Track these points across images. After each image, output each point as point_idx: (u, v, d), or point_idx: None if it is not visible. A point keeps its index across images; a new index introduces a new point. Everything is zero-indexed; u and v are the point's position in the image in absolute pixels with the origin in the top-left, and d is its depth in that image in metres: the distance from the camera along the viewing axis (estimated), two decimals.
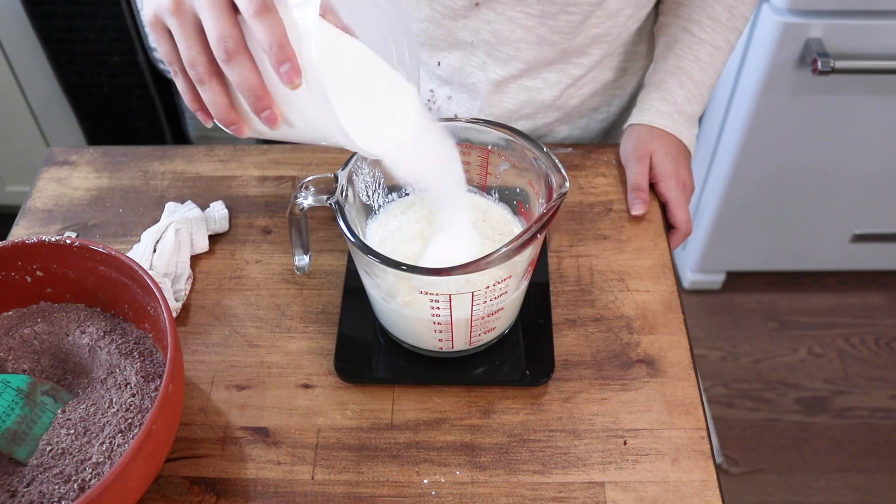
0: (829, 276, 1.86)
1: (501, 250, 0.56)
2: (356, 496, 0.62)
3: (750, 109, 1.42)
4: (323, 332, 0.72)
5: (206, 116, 0.55)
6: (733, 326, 1.78)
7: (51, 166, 0.88)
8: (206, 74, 0.51)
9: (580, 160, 0.86)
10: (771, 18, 1.30)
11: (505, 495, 0.62)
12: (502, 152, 0.67)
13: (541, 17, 0.77)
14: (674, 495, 0.62)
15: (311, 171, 0.86)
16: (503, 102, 0.86)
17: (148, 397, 0.60)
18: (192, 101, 0.54)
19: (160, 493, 0.63)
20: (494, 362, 0.69)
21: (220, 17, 0.49)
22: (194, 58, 0.50)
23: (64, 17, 1.47)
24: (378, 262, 0.57)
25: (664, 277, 0.76)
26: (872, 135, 1.46)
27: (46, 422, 0.60)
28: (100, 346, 0.64)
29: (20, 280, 0.66)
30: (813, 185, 1.56)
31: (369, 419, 0.67)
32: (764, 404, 1.65)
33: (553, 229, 0.80)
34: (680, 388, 0.68)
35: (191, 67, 0.51)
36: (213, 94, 0.51)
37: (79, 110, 1.65)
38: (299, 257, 0.69)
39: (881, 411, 1.63)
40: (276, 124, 0.51)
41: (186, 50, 0.51)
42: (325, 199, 0.61)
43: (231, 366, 0.70)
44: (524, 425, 0.66)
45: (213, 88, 0.51)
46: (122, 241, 0.80)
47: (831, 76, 1.32)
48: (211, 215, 0.80)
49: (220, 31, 0.49)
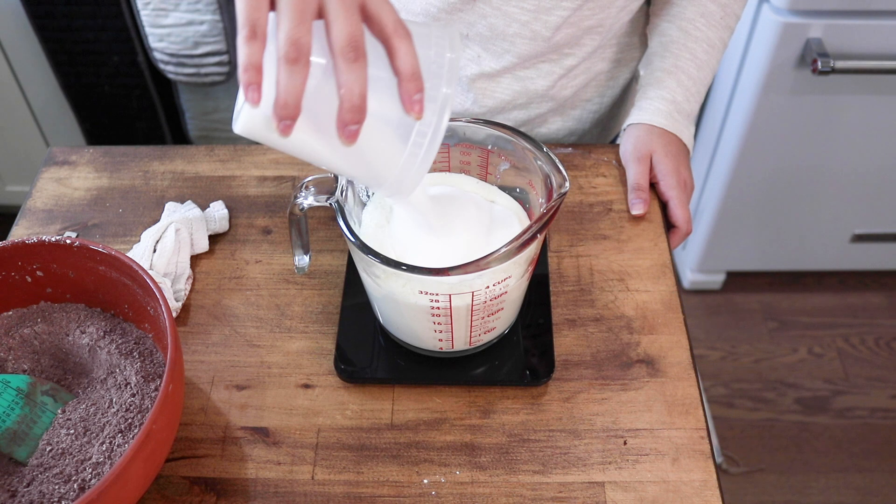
0: (829, 276, 1.86)
1: (501, 250, 0.56)
2: (356, 496, 0.62)
3: (750, 109, 1.42)
4: (323, 332, 0.72)
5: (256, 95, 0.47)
6: (733, 326, 1.78)
7: (51, 166, 0.88)
8: (304, 57, 0.46)
9: (580, 160, 0.86)
10: (771, 18, 1.30)
11: (505, 495, 0.62)
12: (502, 152, 0.67)
13: (535, 12, 0.78)
14: (674, 495, 0.62)
15: (311, 171, 0.86)
16: (496, 93, 0.87)
17: (148, 397, 0.60)
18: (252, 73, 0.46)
19: (160, 493, 0.63)
20: (494, 362, 0.69)
21: (352, 16, 0.47)
22: (302, 37, 0.46)
23: (64, 17, 1.47)
24: (378, 262, 0.57)
25: (664, 277, 0.76)
26: (872, 135, 1.46)
27: (46, 422, 0.60)
28: (100, 346, 0.64)
29: (20, 280, 0.66)
30: (813, 185, 1.56)
31: (369, 419, 0.67)
32: (764, 404, 1.65)
33: (553, 229, 0.80)
34: (680, 388, 0.68)
35: (291, 44, 0.46)
36: (300, 78, 0.46)
37: (79, 110, 1.65)
38: (299, 257, 0.69)
39: (881, 411, 1.63)
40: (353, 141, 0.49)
41: (296, 26, 0.46)
42: (325, 199, 0.61)
43: (231, 366, 0.70)
44: (524, 425, 0.66)
45: (301, 73, 0.46)
46: (122, 241, 0.80)
47: (831, 76, 1.32)
48: (211, 215, 0.80)
49: (353, 30, 0.46)
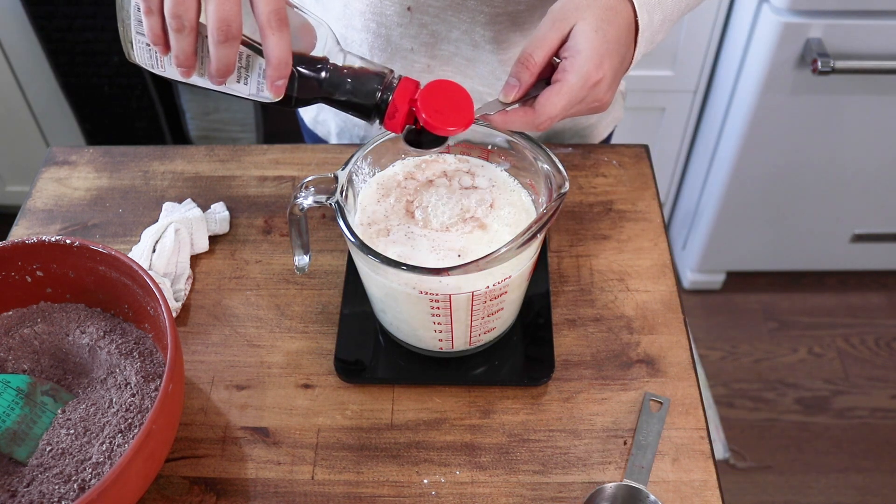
0: (829, 276, 1.86)
1: (501, 250, 0.56)
2: (356, 496, 0.63)
3: (750, 109, 1.42)
4: (323, 332, 0.72)
5: (164, 50, 0.55)
6: (733, 326, 1.78)
7: (51, 166, 0.88)
8: (189, 28, 0.52)
9: (580, 160, 0.86)
10: (771, 18, 1.30)
11: (505, 495, 0.62)
12: (502, 152, 0.67)
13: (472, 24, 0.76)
14: (674, 495, 0.62)
15: (311, 171, 0.86)
16: None
17: (148, 397, 0.60)
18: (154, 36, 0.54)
19: (160, 493, 0.63)
20: (494, 362, 0.69)
21: None
22: (183, 13, 0.51)
23: (64, 17, 1.48)
24: (378, 262, 0.57)
25: (664, 277, 0.76)
26: (872, 135, 1.46)
27: (46, 422, 0.60)
28: (100, 346, 0.64)
29: (20, 280, 0.66)
30: (813, 185, 1.56)
31: (369, 419, 0.67)
32: (764, 404, 1.65)
33: (553, 229, 0.80)
34: (680, 388, 0.68)
35: (174, 18, 0.52)
36: (186, 44, 0.53)
37: (79, 110, 1.65)
38: (299, 257, 0.69)
39: (881, 411, 1.63)
40: (225, 82, 0.56)
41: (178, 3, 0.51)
42: (325, 199, 0.61)
43: (231, 366, 0.70)
44: (524, 425, 0.66)
45: (186, 40, 0.53)
46: (122, 241, 0.80)
47: (831, 76, 1.32)
48: (212, 216, 0.80)
49: (225, 13, 0.51)
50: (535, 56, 0.59)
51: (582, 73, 0.58)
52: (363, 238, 0.62)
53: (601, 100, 0.60)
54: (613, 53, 0.59)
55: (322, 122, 0.96)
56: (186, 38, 0.53)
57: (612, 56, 0.59)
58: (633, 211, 0.81)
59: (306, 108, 0.98)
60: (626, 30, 0.60)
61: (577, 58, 0.57)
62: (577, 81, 0.58)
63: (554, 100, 0.58)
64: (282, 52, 0.53)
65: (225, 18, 0.51)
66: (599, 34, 0.58)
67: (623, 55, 0.61)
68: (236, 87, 0.58)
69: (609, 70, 0.59)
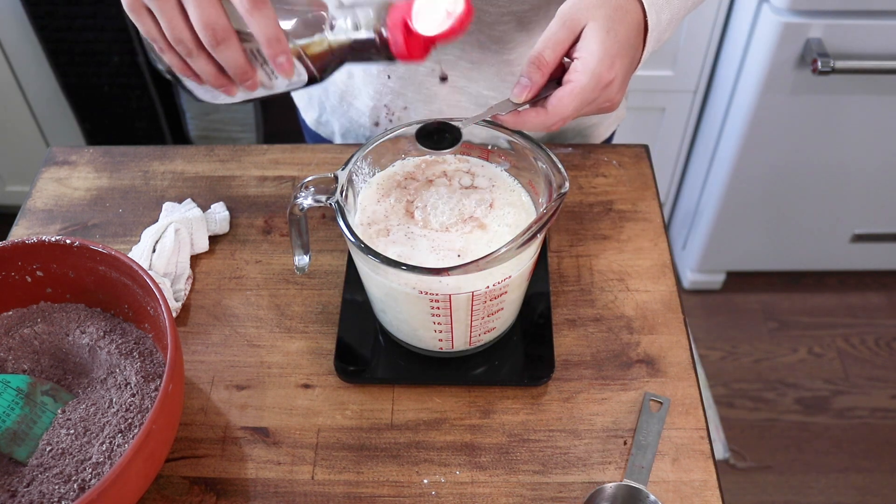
0: (829, 276, 1.86)
1: (501, 250, 0.56)
2: (356, 496, 0.63)
3: (750, 109, 1.42)
4: (323, 332, 0.73)
5: (198, 79, 0.58)
6: (733, 326, 1.78)
7: (51, 166, 0.88)
8: (193, 49, 0.55)
9: (580, 160, 0.86)
10: (771, 18, 1.30)
11: (505, 495, 0.62)
12: (502, 152, 0.67)
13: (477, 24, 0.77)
14: (674, 495, 0.62)
15: (311, 171, 0.86)
16: (462, 102, 0.85)
17: (148, 397, 0.60)
18: (182, 70, 0.57)
19: (160, 493, 0.63)
20: (494, 362, 0.69)
21: (203, 3, 0.52)
22: (179, 35, 0.54)
23: (64, 17, 1.48)
24: (378, 262, 0.57)
25: (664, 277, 0.76)
26: (872, 135, 1.46)
27: (46, 422, 0.60)
28: (100, 346, 0.64)
29: (20, 280, 0.66)
30: (813, 185, 1.56)
31: (369, 419, 0.67)
32: (764, 404, 1.65)
33: (553, 229, 0.80)
34: (680, 388, 0.68)
35: (177, 44, 0.54)
36: (203, 63, 0.56)
37: (79, 110, 1.65)
38: (299, 257, 0.69)
39: (881, 411, 1.63)
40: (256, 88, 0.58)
41: (171, 29, 0.54)
42: (325, 199, 0.61)
43: (231, 366, 0.70)
44: (524, 425, 0.66)
45: (201, 58, 0.55)
46: (122, 241, 0.80)
47: (831, 76, 1.32)
48: (212, 217, 0.80)
49: (207, 17, 0.52)
50: (547, 56, 0.58)
51: (594, 73, 0.57)
52: (363, 238, 0.62)
53: (612, 100, 0.61)
54: (624, 54, 0.59)
55: (325, 124, 0.96)
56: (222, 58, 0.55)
57: (623, 56, 0.59)
58: (633, 211, 0.81)
59: (307, 110, 0.98)
60: (636, 30, 0.61)
61: (590, 58, 0.57)
62: (590, 82, 0.58)
63: (566, 101, 0.58)
64: (268, 29, 0.53)
65: (208, 23, 0.52)
66: (611, 34, 0.58)
67: (633, 55, 0.61)
68: (277, 83, 0.59)
69: (620, 70, 0.59)
